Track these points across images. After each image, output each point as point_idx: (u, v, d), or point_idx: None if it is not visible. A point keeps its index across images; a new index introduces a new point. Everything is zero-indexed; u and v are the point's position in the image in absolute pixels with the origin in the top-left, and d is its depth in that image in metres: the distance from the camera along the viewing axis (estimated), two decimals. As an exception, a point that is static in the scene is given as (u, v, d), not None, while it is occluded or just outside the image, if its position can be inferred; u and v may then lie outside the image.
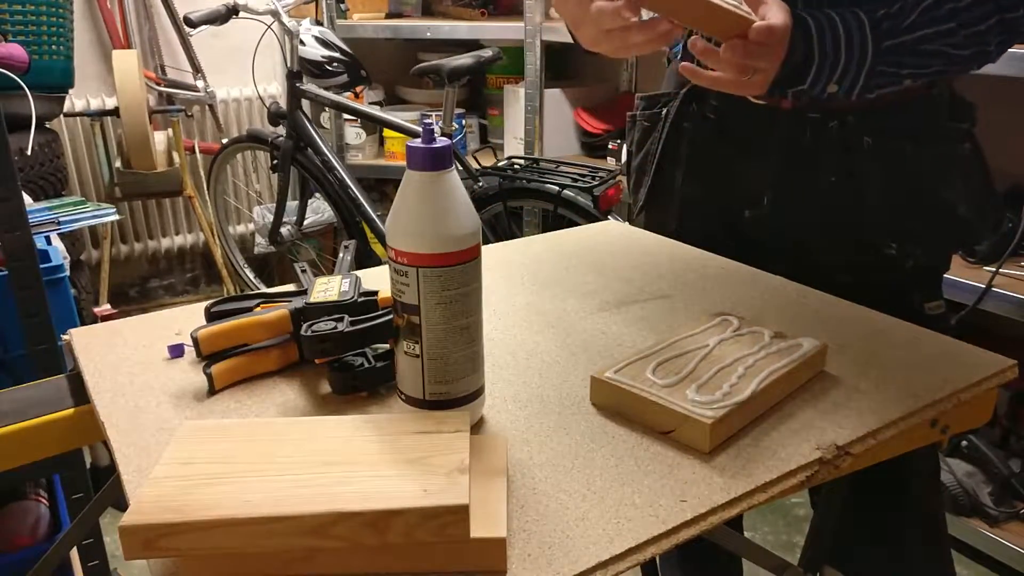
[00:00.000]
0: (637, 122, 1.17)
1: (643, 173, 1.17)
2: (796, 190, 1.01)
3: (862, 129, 0.96)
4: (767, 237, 1.06)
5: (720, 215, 1.09)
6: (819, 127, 0.98)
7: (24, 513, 1.46)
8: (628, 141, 1.21)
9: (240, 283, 3.10)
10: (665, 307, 0.93)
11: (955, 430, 0.77)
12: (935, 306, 1.02)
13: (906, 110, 0.97)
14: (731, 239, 1.09)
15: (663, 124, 1.10)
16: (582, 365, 0.80)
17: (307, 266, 0.94)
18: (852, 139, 0.97)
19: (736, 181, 1.05)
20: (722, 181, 1.07)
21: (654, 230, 1.19)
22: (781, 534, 1.95)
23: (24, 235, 1.18)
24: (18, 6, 2.16)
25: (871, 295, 0.94)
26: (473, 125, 3.08)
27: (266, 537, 0.51)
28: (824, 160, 0.99)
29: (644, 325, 0.89)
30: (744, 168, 1.04)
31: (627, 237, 1.17)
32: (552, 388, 0.76)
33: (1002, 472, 1.79)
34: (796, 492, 0.65)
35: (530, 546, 0.55)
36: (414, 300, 0.64)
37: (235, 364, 0.77)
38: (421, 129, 0.62)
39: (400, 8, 3.07)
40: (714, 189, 1.08)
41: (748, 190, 1.05)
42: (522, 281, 1.02)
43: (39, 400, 0.79)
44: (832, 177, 0.99)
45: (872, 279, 0.99)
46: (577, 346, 0.84)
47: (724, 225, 1.09)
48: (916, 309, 1.00)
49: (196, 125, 3.10)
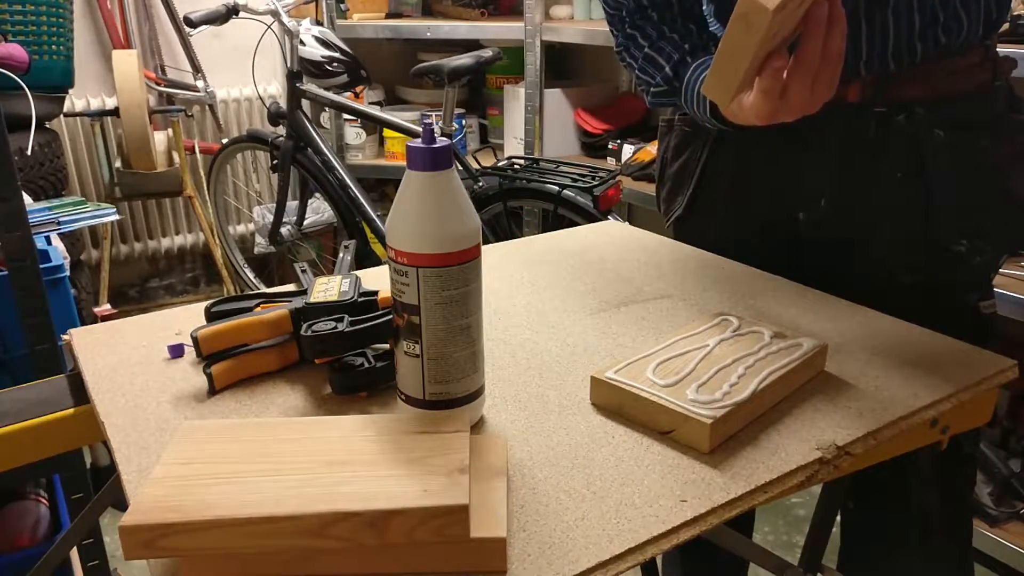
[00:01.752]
0: (675, 127, 1.12)
1: (682, 182, 1.12)
2: (859, 188, 0.96)
3: (932, 121, 0.92)
4: (824, 239, 1.01)
5: (770, 220, 1.05)
6: (885, 120, 0.93)
7: (24, 513, 1.46)
8: (662, 147, 1.17)
9: (240, 283, 3.10)
10: (665, 307, 0.93)
11: (955, 430, 0.77)
12: (989, 305, 0.99)
13: (972, 101, 0.93)
14: (779, 244, 1.05)
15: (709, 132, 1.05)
16: (582, 365, 0.80)
17: (307, 266, 0.94)
18: (922, 132, 0.92)
19: (790, 182, 1.01)
20: (774, 184, 1.03)
21: (691, 238, 1.14)
22: (781, 534, 1.95)
23: (24, 235, 1.18)
24: (18, 6, 2.16)
25: (932, 295, 0.91)
26: (473, 125, 3.08)
27: (266, 537, 0.51)
28: (891, 155, 0.94)
29: (644, 325, 0.89)
30: (799, 168, 1.00)
31: (627, 237, 1.17)
32: (552, 388, 0.76)
33: (1002, 472, 1.79)
34: (796, 492, 0.65)
35: (530, 546, 0.55)
36: (414, 300, 0.64)
37: (235, 364, 0.77)
38: (421, 129, 0.62)
39: (400, 8, 3.08)
40: (764, 193, 1.04)
41: (804, 191, 1.00)
42: (522, 281, 1.02)
43: (39, 400, 0.79)
44: (899, 173, 0.94)
45: (936, 279, 0.96)
46: (577, 346, 0.84)
47: (772, 230, 1.05)
48: (973, 308, 0.97)
49: (196, 125, 3.10)
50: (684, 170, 1.12)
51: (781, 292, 0.97)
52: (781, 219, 1.03)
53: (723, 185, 1.08)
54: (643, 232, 1.19)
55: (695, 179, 1.10)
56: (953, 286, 0.97)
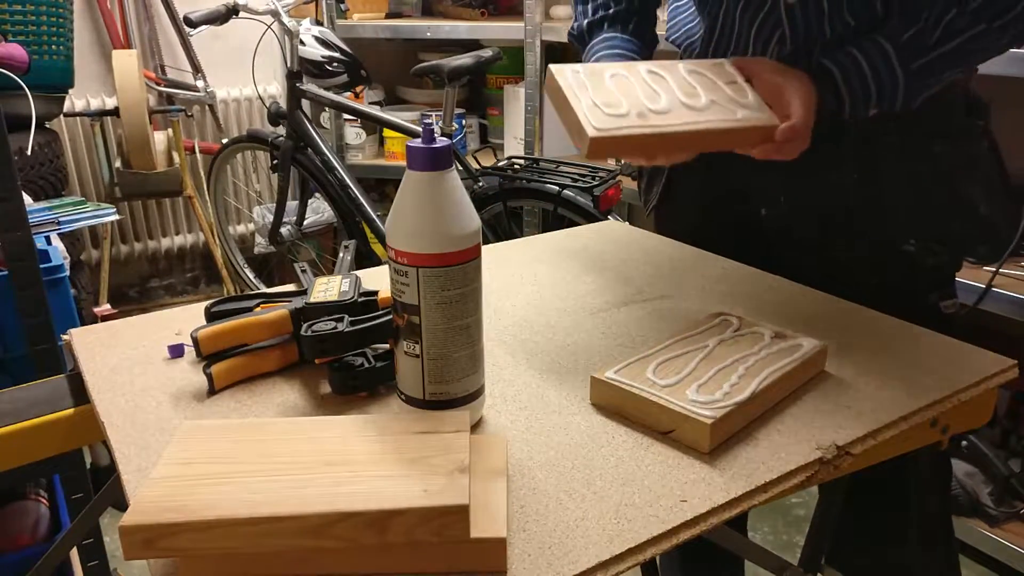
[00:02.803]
0: None
1: (655, 175, 1.16)
2: (815, 188, 0.99)
3: (886, 126, 0.94)
4: (785, 237, 1.05)
5: (737, 215, 1.08)
6: (839, 123, 0.94)
7: (24, 513, 1.46)
8: None
9: (240, 283, 3.10)
10: (665, 307, 0.93)
11: (955, 430, 0.77)
12: (950, 304, 1.00)
13: (927, 107, 0.94)
14: (749, 240, 1.08)
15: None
16: (582, 365, 0.80)
17: (307, 266, 0.94)
18: (874, 135, 0.95)
19: (752, 180, 1.04)
20: (737, 180, 1.05)
21: (667, 231, 1.18)
22: (781, 534, 1.95)
23: (24, 235, 1.18)
24: (18, 6, 2.16)
25: (891, 294, 0.93)
26: (473, 125, 3.08)
27: (266, 537, 0.51)
28: (845, 157, 0.96)
29: (644, 325, 0.89)
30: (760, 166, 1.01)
31: (627, 237, 1.17)
32: (552, 388, 0.76)
33: (1002, 472, 1.79)
34: (796, 492, 0.65)
35: (530, 546, 0.55)
36: (414, 300, 0.64)
37: (235, 364, 0.77)
38: (421, 129, 0.62)
39: (400, 8, 3.07)
40: (730, 190, 1.07)
41: (765, 189, 1.04)
42: (522, 281, 1.02)
43: (39, 400, 0.79)
44: (855, 174, 0.97)
45: (892, 278, 0.98)
46: (577, 346, 0.84)
47: (741, 225, 1.08)
48: (933, 308, 0.99)
49: (196, 125, 3.10)
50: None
51: (781, 292, 0.97)
52: (747, 215, 1.07)
53: (693, 180, 1.11)
54: (643, 232, 1.19)
55: (666, 171, 1.13)
56: (911, 287, 0.99)
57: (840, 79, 0.86)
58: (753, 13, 0.94)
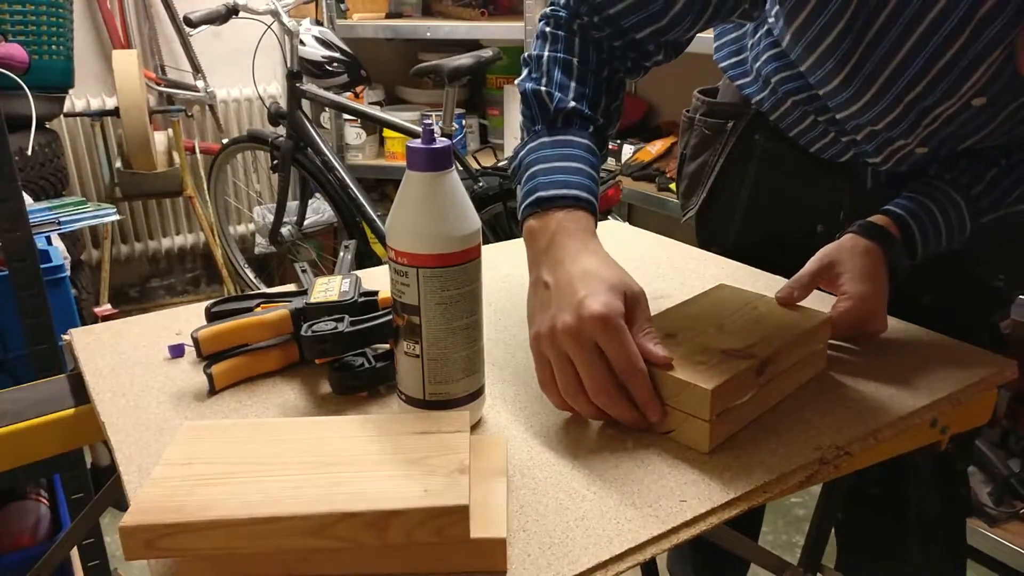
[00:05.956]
0: (695, 126, 1.11)
1: (697, 183, 1.12)
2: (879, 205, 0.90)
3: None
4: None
5: (786, 229, 1.05)
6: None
7: (24, 513, 1.46)
8: (682, 143, 1.16)
9: (240, 283, 3.10)
10: (665, 307, 0.93)
11: (955, 430, 0.77)
12: (1008, 324, 0.99)
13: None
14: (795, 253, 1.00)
15: (727, 138, 1.05)
16: (582, 365, 0.80)
17: (307, 266, 0.94)
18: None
19: (808, 194, 1.01)
20: (792, 194, 1.03)
21: (705, 240, 1.14)
22: (781, 534, 1.95)
23: (24, 235, 1.18)
24: (18, 6, 2.16)
25: (958, 315, 0.90)
26: (473, 125, 3.08)
27: (266, 537, 0.51)
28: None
29: (644, 325, 0.88)
30: (819, 181, 0.99)
31: (627, 237, 1.17)
32: (552, 388, 0.76)
33: (1002, 472, 1.79)
34: (796, 492, 0.65)
35: (530, 546, 0.55)
36: (414, 300, 0.64)
37: (235, 364, 0.77)
38: (421, 129, 0.62)
39: (400, 8, 3.07)
40: (782, 202, 1.04)
41: (823, 203, 1.00)
42: (522, 281, 1.01)
43: (39, 400, 0.79)
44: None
45: (956, 301, 0.95)
46: (577, 346, 0.84)
47: (787, 239, 1.04)
48: (994, 328, 0.97)
49: (196, 125, 3.10)
50: (701, 171, 1.11)
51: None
52: (798, 229, 1.03)
53: (741, 190, 1.07)
54: (643, 232, 1.19)
55: (711, 181, 1.09)
56: (976, 309, 0.97)
57: (919, 237, 0.84)
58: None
